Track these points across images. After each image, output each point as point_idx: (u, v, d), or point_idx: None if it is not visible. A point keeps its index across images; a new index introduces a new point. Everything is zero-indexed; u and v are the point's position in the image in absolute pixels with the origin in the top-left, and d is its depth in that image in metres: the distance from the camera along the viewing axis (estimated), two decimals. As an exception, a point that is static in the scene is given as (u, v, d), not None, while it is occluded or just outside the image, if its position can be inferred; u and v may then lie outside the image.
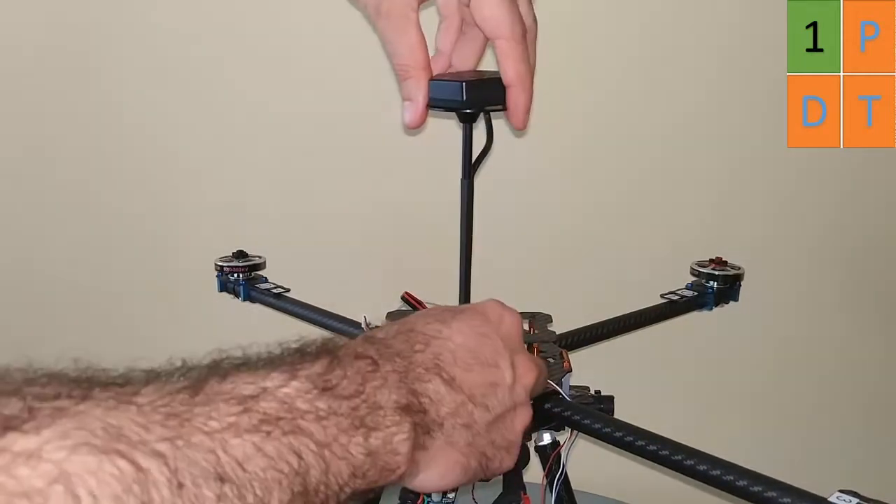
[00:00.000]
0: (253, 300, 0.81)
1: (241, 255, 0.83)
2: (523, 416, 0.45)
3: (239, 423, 0.29)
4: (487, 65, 0.57)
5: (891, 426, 1.10)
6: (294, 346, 0.37)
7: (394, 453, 0.36)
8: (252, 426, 0.30)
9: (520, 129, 0.53)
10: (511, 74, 0.52)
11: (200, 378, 0.31)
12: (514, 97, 0.52)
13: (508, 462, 0.45)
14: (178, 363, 0.32)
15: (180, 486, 0.26)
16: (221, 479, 0.27)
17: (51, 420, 0.25)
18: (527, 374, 0.46)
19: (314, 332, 0.74)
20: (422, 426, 0.39)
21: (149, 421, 0.27)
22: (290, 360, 0.35)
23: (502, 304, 0.48)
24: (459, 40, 0.57)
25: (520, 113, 0.53)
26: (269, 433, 0.30)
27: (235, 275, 0.81)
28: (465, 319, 0.44)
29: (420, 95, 0.52)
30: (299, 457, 0.31)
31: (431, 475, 0.40)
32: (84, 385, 0.27)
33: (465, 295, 0.59)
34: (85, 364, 0.29)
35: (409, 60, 0.52)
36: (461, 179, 0.56)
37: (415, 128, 0.53)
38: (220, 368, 0.32)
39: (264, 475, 0.29)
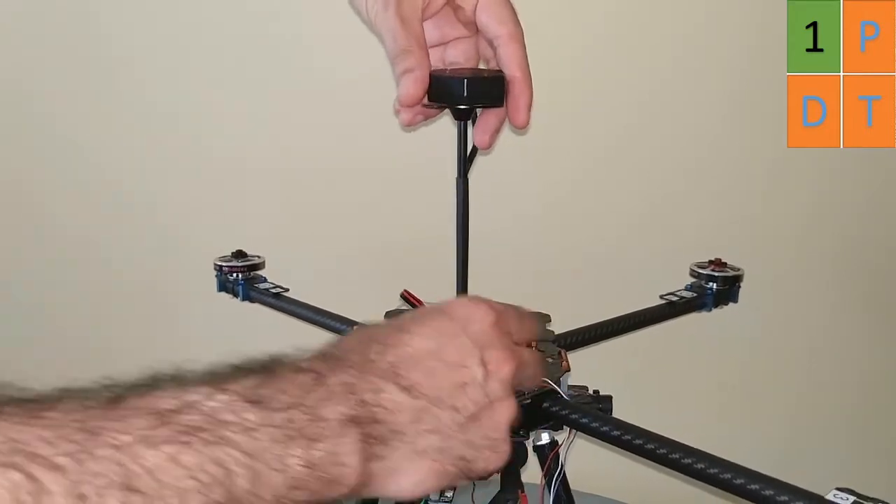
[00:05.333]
0: (252, 300, 0.81)
1: (240, 254, 0.83)
2: (504, 412, 0.43)
3: (154, 435, 0.30)
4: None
5: (890, 425, 1.10)
6: (233, 363, 0.36)
7: (340, 465, 0.35)
8: (168, 437, 0.30)
9: (521, 127, 0.53)
10: (515, 67, 0.52)
11: (121, 394, 0.31)
12: (517, 92, 0.53)
13: (496, 461, 0.43)
14: (106, 381, 0.32)
15: (81, 496, 0.27)
16: (129, 489, 0.28)
17: None
18: (501, 367, 0.44)
19: (313, 333, 0.74)
20: (376, 437, 0.38)
21: (56, 435, 0.28)
22: (221, 375, 0.35)
23: (474, 299, 0.46)
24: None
25: (522, 109, 0.53)
26: (187, 443, 0.30)
27: (234, 274, 0.81)
28: (426, 322, 0.43)
29: (421, 68, 0.51)
30: (222, 467, 0.31)
31: (404, 484, 0.39)
32: None
33: (462, 294, 0.59)
34: (4, 381, 0.30)
35: (413, 43, 0.52)
36: (456, 178, 0.56)
37: (412, 103, 0.52)
38: (144, 384, 0.33)
39: (180, 485, 0.29)
